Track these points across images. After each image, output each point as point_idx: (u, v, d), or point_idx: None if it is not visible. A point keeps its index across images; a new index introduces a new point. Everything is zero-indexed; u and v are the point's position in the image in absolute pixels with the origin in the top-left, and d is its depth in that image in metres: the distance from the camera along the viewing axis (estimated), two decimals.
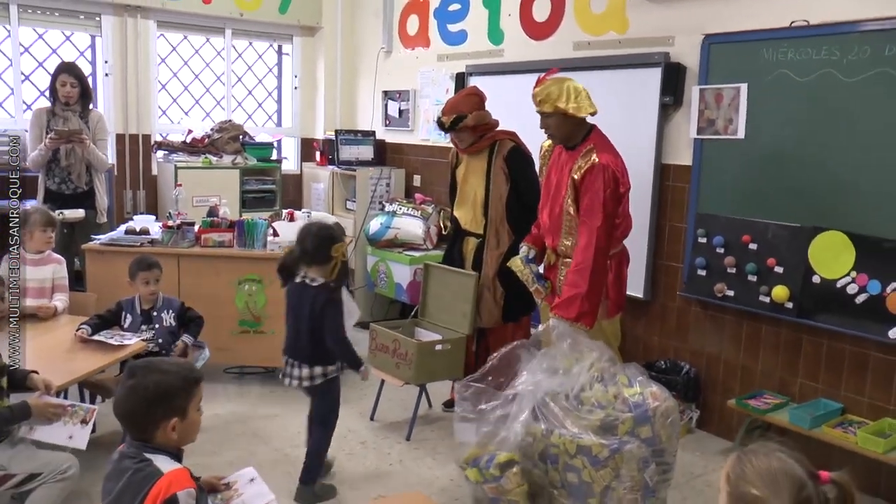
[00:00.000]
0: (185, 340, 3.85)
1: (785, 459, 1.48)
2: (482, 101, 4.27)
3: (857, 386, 3.68)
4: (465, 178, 4.38)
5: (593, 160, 3.46)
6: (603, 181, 3.43)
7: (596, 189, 3.43)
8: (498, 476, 3.15)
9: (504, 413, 3.25)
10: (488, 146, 4.23)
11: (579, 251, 3.48)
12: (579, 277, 3.43)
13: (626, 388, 3.17)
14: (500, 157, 4.19)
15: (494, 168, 4.20)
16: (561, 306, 3.47)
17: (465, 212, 4.39)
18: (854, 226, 3.54)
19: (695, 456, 4.03)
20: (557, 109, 3.51)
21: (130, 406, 1.96)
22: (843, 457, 3.67)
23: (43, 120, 4.96)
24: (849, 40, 3.53)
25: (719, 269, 4.06)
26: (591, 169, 3.45)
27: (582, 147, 3.57)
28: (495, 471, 3.15)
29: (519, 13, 5.34)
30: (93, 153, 4.97)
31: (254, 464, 3.68)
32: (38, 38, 5.87)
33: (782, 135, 3.83)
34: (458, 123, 4.15)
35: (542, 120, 3.63)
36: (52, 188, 4.98)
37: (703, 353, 4.31)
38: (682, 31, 4.27)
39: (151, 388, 1.96)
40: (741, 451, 1.53)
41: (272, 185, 6.42)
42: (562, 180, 3.63)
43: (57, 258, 4.12)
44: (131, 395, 1.96)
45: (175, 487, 1.86)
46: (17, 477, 2.69)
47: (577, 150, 3.58)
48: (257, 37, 6.88)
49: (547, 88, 3.55)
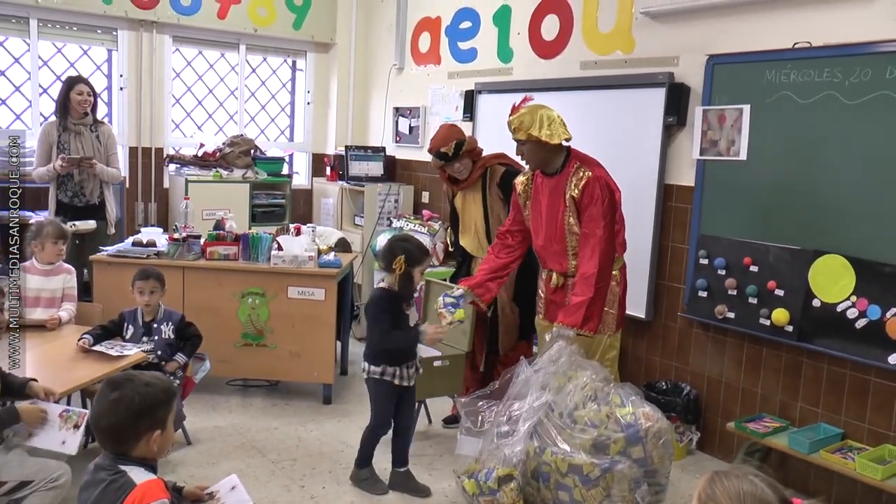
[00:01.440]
0: (178, 360, 3.89)
1: (757, 483, 1.47)
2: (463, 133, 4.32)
3: (857, 411, 3.63)
4: (463, 207, 4.45)
5: (587, 175, 3.54)
6: (600, 191, 3.52)
7: (595, 199, 3.52)
8: (495, 489, 3.21)
9: (508, 430, 3.27)
10: (480, 176, 4.28)
11: (584, 261, 3.53)
12: (585, 286, 3.48)
13: (619, 408, 3.17)
14: (494, 184, 4.26)
15: (490, 196, 4.26)
16: (567, 313, 3.50)
17: (470, 240, 4.46)
18: (854, 250, 3.52)
19: (694, 478, 3.99)
20: (531, 137, 3.58)
21: (115, 419, 1.94)
22: (844, 483, 3.63)
23: (53, 136, 5.04)
24: (851, 62, 3.52)
25: (720, 291, 4.04)
26: (587, 183, 3.53)
27: (567, 169, 3.62)
28: (493, 484, 3.21)
29: (528, 32, 5.37)
30: (104, 173, 5.09)
31: (250, 476, 3.74)
32: (56, 52, 5.98)
33: (784, 156, 3.82)
34: (461, 148, 4.20)
35: (517, 147, 3.70)
36: (65, 201, 5.08)
37: (704, 375, 4.28)
38: (686, 51, 4.27)
39: (137, 400, 1.95)
40: (715, 472, 1.53)
41: (282, 199, 6.48)
42: (555, 204, 3.66)
43: (67, 268, 4.17)
44: (116, 408, 1.94)
45: (148, 498, 1.87)
46: (8, 484, 2.72)
47: (563, 174, 3.63)
48: (271, 52, 6.97)
49: (521, 117, 3.61)
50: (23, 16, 5.72)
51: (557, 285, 3.80)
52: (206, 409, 4.55)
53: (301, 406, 4.73)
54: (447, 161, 4.25)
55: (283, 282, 4.59)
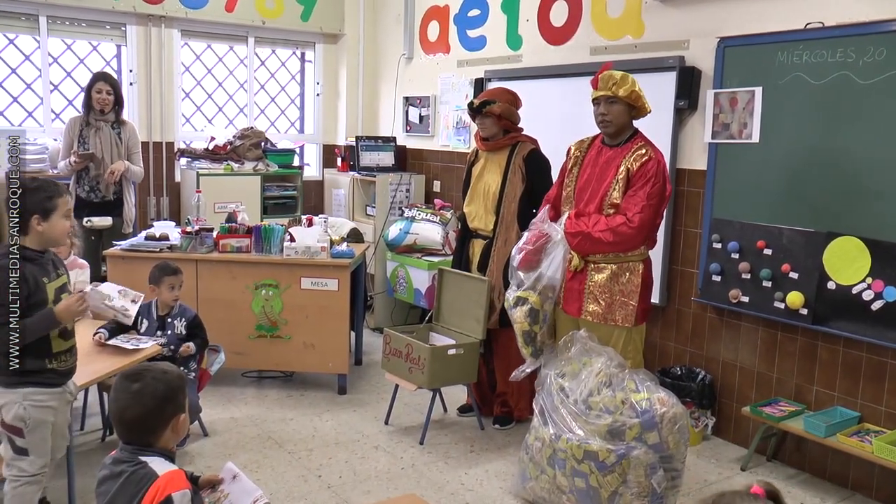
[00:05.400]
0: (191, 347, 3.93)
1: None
2: (516, 100, 4.35)
3: (874, 394, 3.61)
4: (480, 174, 4.39)
5: (651, 154, 3.39)
6: (656, 173, 3.37)
7: (648, 178, 3.35)
8: (512, 307, 3.57)
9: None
10: (509, 145, 4.26)
11: (618, 216, 3.38)
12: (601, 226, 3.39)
13: (634, 394, 3.16)
14: (520, 157, 4.22)
15: (513, 166, 4.22)
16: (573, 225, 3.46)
17: (476, 207, 4.39)
18: (869, 231, 3.49)
19: (710, 463, 3.99)
20: (631, 95, 3.41)
21: (142, 409, 1.94)
22: (861, 466, 3.62)
23: (76, 130, 5.09)
24: (864, 42, 3.48)
25: (734, 275, 4.02)
26: (648, 160, 3.37)
27: (631, 144, 3.46)
28: (512, 301, 3.57)
29: (537, 18, 5.34)
30: (130, 171, 5.16)
31: (267, 466, 3.76)
32: (66, 48, 6.00)
33: (797, 138, 3.78)
34: (485, 106, 4.23)
35: (603, 104, 3.46)
36: (82, 195, 5.10)
37: (719, 360, 4.26)
38: (697, 35, 4.24)
39: (161, 388, 1.97)
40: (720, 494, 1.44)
41: (293, 191, 6.49)
42: (605, 174, 3.48)
43: (81, 263, 4.17)
44: (141, 398, 1.95)
45: (170, 489, 1.88)
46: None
47: (626, 147, 3.46)
48: (280, 44, 6.96)
49: (615, 76, 3.44)
50: (32, 13, 5.74)
51: (577, 268, 3.52)
52: (221, 401, 4.58)
53: (316, 396, 4.75)
54: (472, 110, 4.34)
55: (295, 273, 4.61)
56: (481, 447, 4.12)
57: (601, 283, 3.45)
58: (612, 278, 3.43)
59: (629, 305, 3.43)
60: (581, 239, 3.42)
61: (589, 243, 3.42)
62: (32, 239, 2.70)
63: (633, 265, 3.46)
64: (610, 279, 3.44)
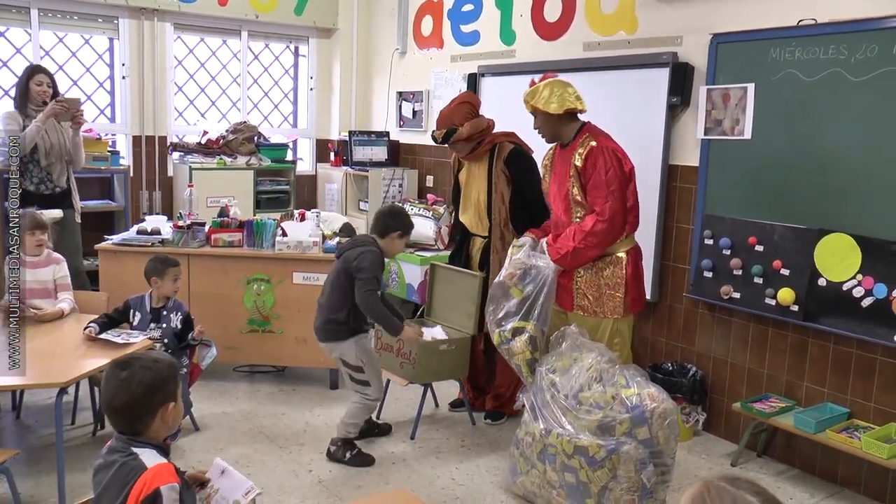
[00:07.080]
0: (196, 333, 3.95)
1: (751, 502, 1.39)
2: (475, 109, 4.28)
3: (864, 390, 3.63)
4: (467, 182, 4.40)
5: (591, 144, 3.53)
6: (604, 161, 3.49)
7: (598, 168, 3.49)
8: (509, 339, 3.54)
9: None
10: (488, 150, 4.25)
11: (588, 218, 3.53)
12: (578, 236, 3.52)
13: (624, 389, 3.17)
14: (501, 161, 4.21)
15: (495, 171, 4.21)
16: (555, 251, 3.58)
17: (470, 216, 4.41)
18: (860, 228, 3.49)
19: (700, 459, 4.00)
20: (536, 109, 3.63)
21: (129, 396, 1.95)
22: (850, 462, 3.63)
23: (19, 119, 4.84)
24: (856, 39, 3.48)
25: (726, 271, 4.02)
26: (590, 152, 3.51)
27: (577, 141, 3.61)
28: (508, 334, 3.54)
29: (531, 14, 5.34)
30: (80, 142, 4.97)
31: (258, 461, 3.76)
32: (58, 41, 5.97)
33: (789, 135, 3.79)
34: (450, 137, 4.20)
35: (533, 120, 3.73)
36: (31, 189, 4.83)
37: (710, 356, 4.28)
38: (690, 31, 4.24)
39: (149, 375, 1.97)
40: (708, 482, 1.40)
41: (286, 185, 6.47)
42: (564, 175, 3.64)
43: (56, 258, 4.10)
44: (129, 386, 1.95)
45: (158, 482, 1.87)
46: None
47: (573, 145, 3.62)
48: (273, 38, 6.94)
49: (533, 90, 3.66)
50: (23, 5, 5.71)
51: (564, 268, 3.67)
52: (213, 396, 4.57)
53: (308, 391, 4.75)
54: (437, 143, 4.32)
55: (288, 268, 4.60)
56: (472, 442, 4.12)
57: (588, 279, 3.61)
58: (597, 273, 3.60)
59: (616, 297, 3.59)
60: (571, 257, 3.55)
61: (580, 257, 3.56)
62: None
63: (617, 257, 3.59)
64: (595, 274, 3.60)
